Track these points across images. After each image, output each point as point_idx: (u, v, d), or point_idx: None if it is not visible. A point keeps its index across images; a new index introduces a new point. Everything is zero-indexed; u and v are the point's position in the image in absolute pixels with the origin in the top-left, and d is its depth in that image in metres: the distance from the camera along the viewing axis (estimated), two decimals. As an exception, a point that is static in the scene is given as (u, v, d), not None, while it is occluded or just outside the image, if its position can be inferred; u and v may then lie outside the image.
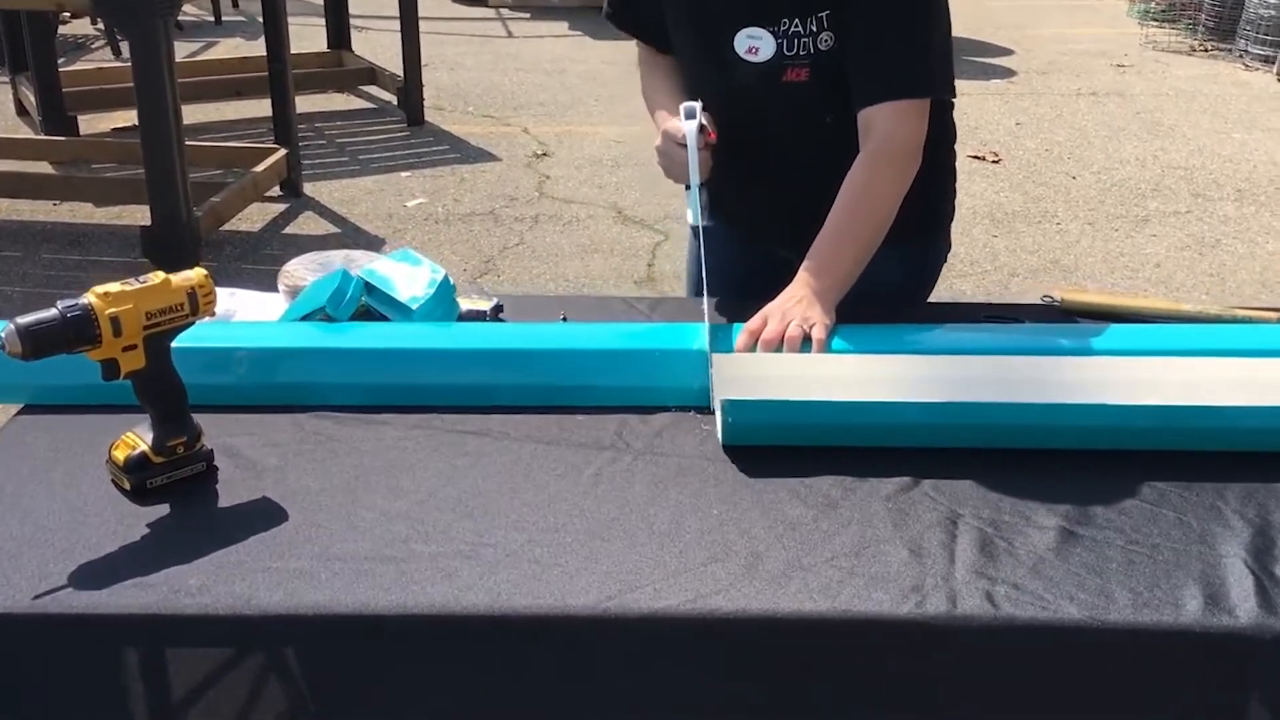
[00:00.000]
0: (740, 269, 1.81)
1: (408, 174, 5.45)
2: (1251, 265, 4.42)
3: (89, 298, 1.24)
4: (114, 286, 1.25)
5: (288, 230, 4.82)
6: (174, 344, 1.29)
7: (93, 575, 1.17)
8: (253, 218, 4.84)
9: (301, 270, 1.76)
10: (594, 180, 5.36)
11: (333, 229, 4.82)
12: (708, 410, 1.48)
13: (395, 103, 6.34)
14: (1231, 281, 4.30)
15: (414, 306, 1.60)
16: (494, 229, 4.78)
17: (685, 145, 1.65)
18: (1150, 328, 1.65)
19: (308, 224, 4.88)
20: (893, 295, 1.76)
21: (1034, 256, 4.49)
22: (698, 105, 1.68)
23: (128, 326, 1.25)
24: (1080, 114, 6.50)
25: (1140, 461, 1.38)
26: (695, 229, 1.76)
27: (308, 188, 5.20)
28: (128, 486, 1.30)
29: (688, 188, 1.68)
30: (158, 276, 1.28)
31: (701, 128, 1.66)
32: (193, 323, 1.30)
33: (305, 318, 1.62)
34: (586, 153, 5.72)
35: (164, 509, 1.29)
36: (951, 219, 1.90)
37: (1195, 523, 1.28)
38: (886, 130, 1.62)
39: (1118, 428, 1.37)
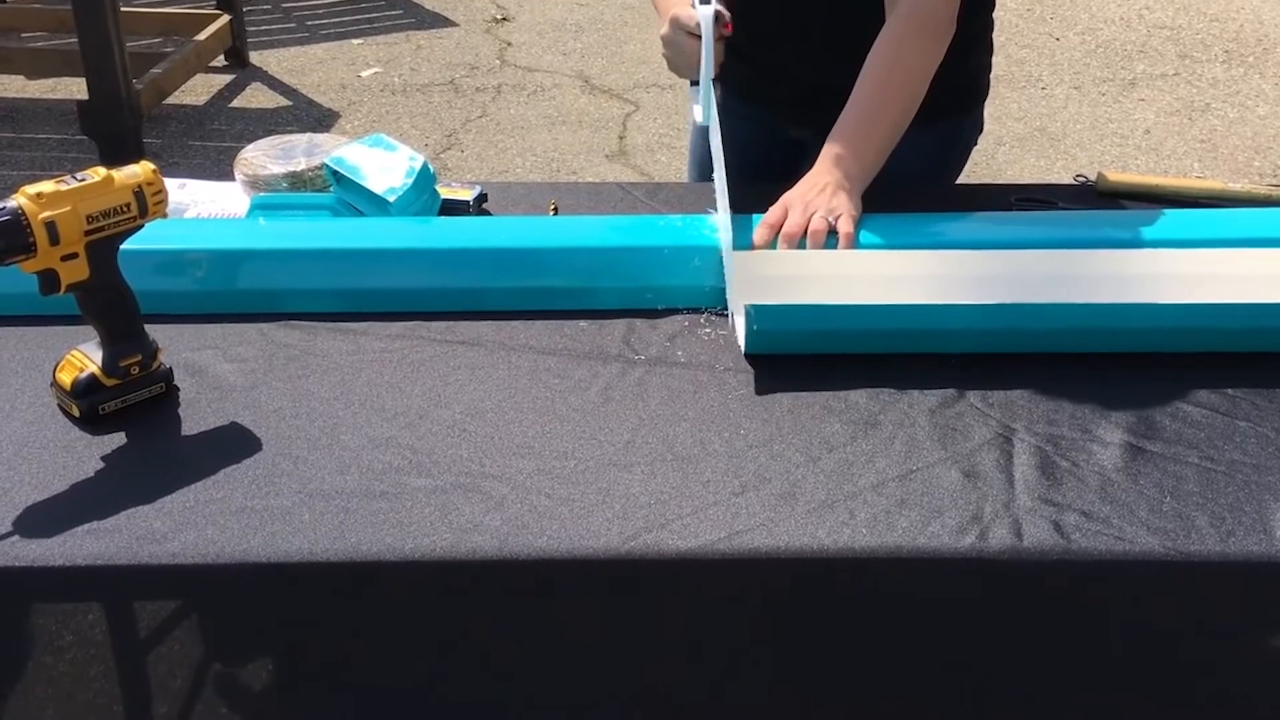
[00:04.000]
0: (751, 151, 1.64)
1: (360, 41, 5.17)
2: (1243, 131, 4.28)
3: (18, 199, 1.07)
4: (47, 186, 1.09)
5: (235, 103, 4.57)
6: (121, 248, 1.13)
7: (40, 520, 1.03)
8: (197, 90, 4.58)
9: (260, 157, 1.58)
10: (558, 46, 5.10)
11: (283, 101, 4.56)
12: (720, 311, 1.33)
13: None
14: (1224, 148, 4.16)
15: (391, 199, 1.43)
16: (455, 100, 4.55)
17: (697, 35, 1.46)
18: (1208, 213, 1.49)
19: (256, 96, 4.63)
20: (917, 180, 1.60)
21: (1020, 124, 4.33)
22: None
23: (66, 232, 1.09)
24: (1060, -30, 6.25)
25: (1204, 365, 1.25)
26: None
27: (254, 57, 4.93)
28: (77, 413, 1.16)
29: (693, 84, 1.50)
30: (98, 173, 1.12)
31: (717, 15, 1.47)
32: (141, 225, 1.15)
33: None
34: (549, 16, 5.44)
35: (120, 439, 1.15)
36: (985, 96, 1.72)
37: (1273, 434, 1.16)
38: (918, -7, 1.43)
39: (1188, 329, 1.23)
